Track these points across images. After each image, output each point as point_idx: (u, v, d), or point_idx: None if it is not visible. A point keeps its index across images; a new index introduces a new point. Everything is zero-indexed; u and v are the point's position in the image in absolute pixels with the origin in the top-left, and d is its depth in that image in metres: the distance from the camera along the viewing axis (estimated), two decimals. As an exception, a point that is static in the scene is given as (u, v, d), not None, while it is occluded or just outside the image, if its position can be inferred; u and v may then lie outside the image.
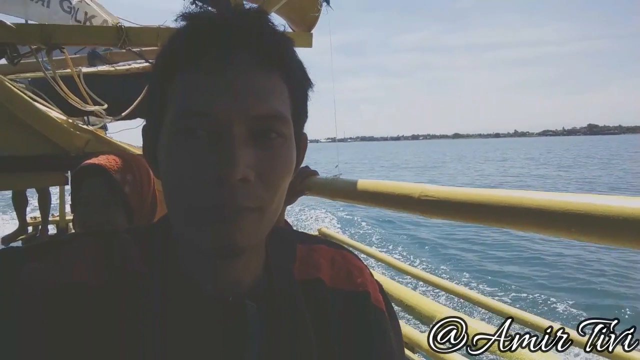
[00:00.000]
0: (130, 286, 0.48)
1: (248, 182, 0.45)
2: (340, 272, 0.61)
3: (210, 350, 0.48)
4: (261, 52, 0.47)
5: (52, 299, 0.44)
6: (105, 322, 0.45)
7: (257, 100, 0.46)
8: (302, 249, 0.62)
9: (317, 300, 0.57)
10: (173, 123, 0.46)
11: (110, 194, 1.22)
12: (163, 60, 0.49)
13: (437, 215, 0.99)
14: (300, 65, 0.53)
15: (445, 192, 0.97)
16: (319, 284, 0.58)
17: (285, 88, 0.49)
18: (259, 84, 0.46)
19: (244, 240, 0.46)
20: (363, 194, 1.26)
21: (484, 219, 0.87)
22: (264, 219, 0.48)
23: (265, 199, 0.47)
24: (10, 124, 1.90)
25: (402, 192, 1.09)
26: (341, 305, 0.58)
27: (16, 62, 1.86)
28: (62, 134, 1.97)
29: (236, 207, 0.44)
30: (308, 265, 0.60)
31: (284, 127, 0.48)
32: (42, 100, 2.18)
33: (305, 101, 0.54)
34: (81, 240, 0.51)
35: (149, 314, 0.47)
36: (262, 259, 0.56)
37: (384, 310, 0.62)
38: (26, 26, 1.82)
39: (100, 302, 0.46)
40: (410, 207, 1.06)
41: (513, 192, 0.82)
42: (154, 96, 0.50)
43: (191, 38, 0.47)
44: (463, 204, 0.91)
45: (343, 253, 0.65)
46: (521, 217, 0.78)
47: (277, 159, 0.48)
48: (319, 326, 0.55)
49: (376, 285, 0.64)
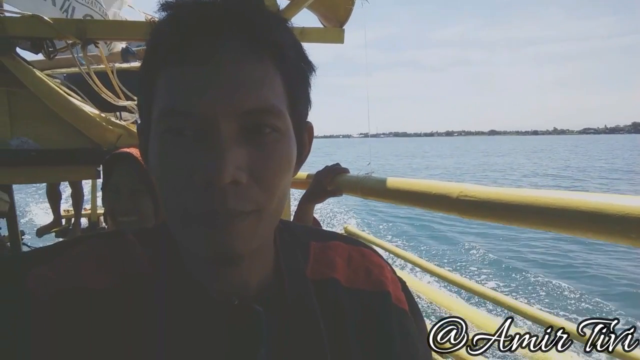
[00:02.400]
0: (136, 289, 0.46)
1: (240, 185, 0.41)
2: (358, 270, 0.58)
3: (217, 354, 0.46)
4: (249, 38, 0.43)
5: (59, 304, 0.43)
6: (112, 325, 0.44)
7: (245, 93, 0.42)
8: (316, 246, 0.58)
9: (331, 302, 0.53)
10: (158, 123, 0.43)
11: (139, 182, 1.25)
12: (147, 56, 0.46)
13: (477, 217, 0.95)
14: (297, 48, 0.48)
15: (487, 192, 0.93)
16: (334, 284, 0.55)
17: (277, 75, 0.44)
18: (246, 75, 0.42)
19: (241, 247, 0.43)
20: (397, 192, 1.22)
21: (531, 221, 0.82)
22: (263, 223, 0.45)
23: (262, 200, 0.43)
24: (46, 118, 1.93)
25: (439, 191, 1.05)
26: (359, 307, 0.55)
27: (52, 57, 1.89)
28: (96, 128, 1.99)
29: (228, 213, 0.41)
30: (322, 264, 0.57)
31: (278, 121, 0.44)
32: (76, 95, 2.22)
33: (305, 88, 0.50)
34: (87, 242, 0.50)
35: (156, 317, 0.45)
36: (270, 259, 0.54)
37: (406, 311, 0.58)
38: (62, 21, 1.85)
39: (106, 306, 0.45)
40: (448, 207, 1.02)
41: (565, 193, 0.76)
42: (141, 94, 0.47)
43: (173, 29, 0.43)
44: (506, 205, 0.86)
45: (361, 250, 0.61)
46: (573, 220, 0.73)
47: (271, 156, 0.44)
48: (333, 330, 0.52)
49: (398, 283, 0.60)
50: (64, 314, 0.43)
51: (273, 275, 0.53)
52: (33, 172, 1.91)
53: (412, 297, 0.62)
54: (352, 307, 0.54)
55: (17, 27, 1.75)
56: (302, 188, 1.81)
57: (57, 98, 1.91)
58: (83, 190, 4.87)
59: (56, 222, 4.65)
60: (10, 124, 1.88)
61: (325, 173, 1.56)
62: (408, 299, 0.60)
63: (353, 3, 1.89)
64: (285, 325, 0.49)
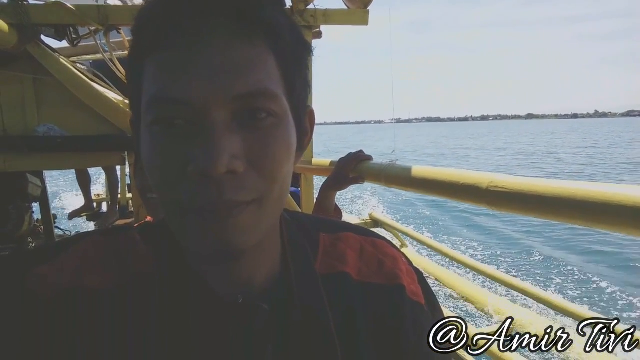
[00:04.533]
0: (139, 288, 0.45)
1: (237, 174, 0.38)
2: (371, 262, 0.54)
3: (223, 354, 0.44)
4: (240, 17, 0.39)
5: (61, 303, 0.42)
6: (115, 325, 0.43)
7: (236, 76, 0.38)
8: (325, 238, 0.55)
9: (342, 298, 0.51)
10: (147, 113, 0.40)
11: None
12: (133, 43, 0.43)
13: (508, 209, 0.89)
14: (292, 29, 0.45)
15: (518, 183, 0.87)
16: (344, 279, 0.52)
17: (271, 57, 0.41)
18: (237, 57, 0.39)
19: (243, 240, 0.40)
20: (423, 182, 1.17)
21: (567, 215, 0.77)
22: (264, 212, 0.42)
23: (262, 189, 0.41)
24: (72, 105, 1.96)
25: (467, 181, 1.00)
26: (371, 302, 0.52)
27: (76, 44, 1.90)
28: (120, 115, 2.00)
29: (227, 204, 0.38)
30: (332, 257, 0.54)
31: (274, 104, 0.41)
32: (101, 82, 2.23)
33: (302, 70, 0.46)
34: (89, 240, 0.48)
35: (159, 317, 0.44)
36: (277, 253, 0.51)
37: (422, 305, 0.55)
38: (84, 7, 1.85)
39: (109, 305, 0.43)
40: (477, 198, 0.97)
41: (605, 185, 0.71)
42: (130, 83, 0.45)
43: (158, 13, 0.40)
44: (539, 197, 0.81)
45: (374, 240, 0.57)
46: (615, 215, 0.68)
47: (270, 142, 0.40)
48: (344, 327, 0.49)
49: (414, 275, 0.57)
50: (66, 314, 0.42)
51: (280, 270, 0.50)
52: (59, 158, 1.94)
53: (430, 290, 0.58)
54: (364, 303, 0.51)
55: (41, 15, 1.76)
56: (324, 175, 1.78)
57: (81, 85, 1.93)
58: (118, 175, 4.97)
59: (87, 205, 4.77)
60: (37, 111, 1.91)
61: (348, 160, 1.52)
62: (425, 292, 0.57)
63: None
64: (293, 324, 0.47)
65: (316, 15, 2.06)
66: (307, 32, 2.09)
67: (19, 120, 1.89)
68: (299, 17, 2.03)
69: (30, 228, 3.69)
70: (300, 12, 2.03)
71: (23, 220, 3.48)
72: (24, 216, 3.48)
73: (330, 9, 2.09)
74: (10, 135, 1.83)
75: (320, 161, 1.96)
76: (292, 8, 2.04)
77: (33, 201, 3.71)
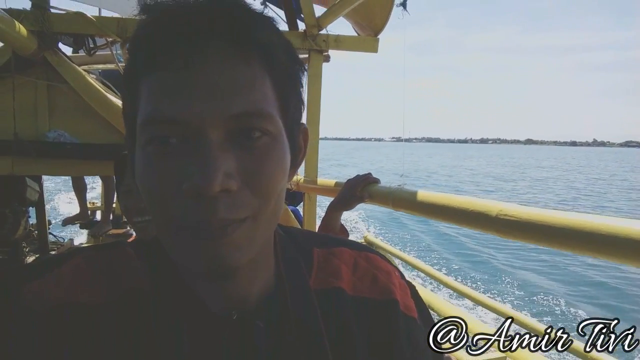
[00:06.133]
0: (132, 304, 0.45)
1: (231, 192, 0.39)
2: (364, 277, 0.55)
3: None
4: (235, 38, 0.40)
5: (54, 319, 0.42)
6: (108, 341, 0.43)
7: (231, 96, 0.39)
8: (319, 253, 0.55)
9: (337, 314, 0.51)
10: (142, 132, 0.41)
11: None
12: (129, 62, 0.44)
13: (517, 237, 0.93)
14: (286, 47, 0.45)
15: (527, 212, 0.90)
16: (339, 294, 0.52)
17: (266, 77, 0.42)
18: (232, 78, 0.39)
19: (236, 257, 0.41)
20: (431, 207, 1.20)
21: (574, 246, 0.80)
22: (258, 229, 0.42)
23: (256, 206, 0.41)
24: (83, 112, 1.98)
25: (476, 208, 1.03)
26: (365, 317, 0.52)
27: (93, 53, 1.94)
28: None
29: (220, 222, 0.39)
30: (326, 272, 0.54)
31: (268, 124, 0.41)
32: (110, 91, 2.26)
33: (296, 89, 0.47)
34: (82, 255, 0.48)
35: (152, 334, 0.44)
36: (271, 269, 0.51)
37: (415, 319, 0.55)
38: (104, 19, 1.90)
39: (102, 321, 0.43)
40: (486, 226, 1.00)
41: (614, 220, 0.74)
42: (125, 102, 0.45)
43: (153, 33, 0.40)
44: (548, 227, 0.84)
45: (368, 255, 0.58)
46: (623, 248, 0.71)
47: (263, 160, 0.41)
48: (338, 343, 0.49)
49: (407, 289, 0.58)
50: (60, 329, 0.42)
51: (274, 285, 0.50)
52: (67, 164, 1.95)
53: (423, 303, 0.59)
54: (358, 318, 0.52)
55: (62, 24, 1.81)
56: (329, 195, 1.80)
57: (94, 93, 1.96)
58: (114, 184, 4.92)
59: (82, 213, 4.74)
60: (48, 117, 1.93)
61: (356, 182, 1.57)
62: (418, 306, 0.57)
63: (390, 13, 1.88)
64: (287, 341, 0.47)
65: (328, 40, 2.12)
66: (318, 55, 2.15)
67: (31, 125, 1.91)
68: (311, 42, 2.09)
69: (25, 232, 3.67)
70: (313, 37, 2.09)
71: (19, 224, 3.45)
72: (20, 220, 3.46)
73: (342, 35, 2.15)
74: (20, 139, 1.85)
75: (325, 181, 1.99)
76: (305, 32, 2.10)
77: (30, 205, 3.69)
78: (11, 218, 3.31)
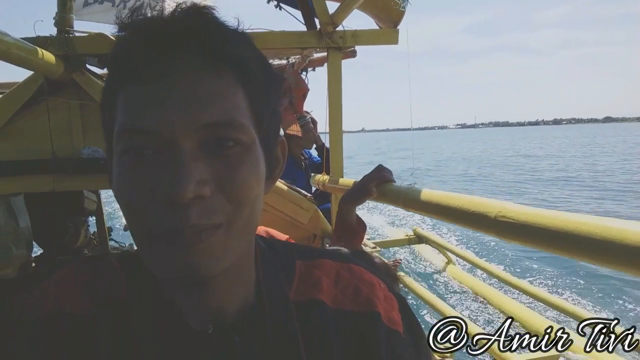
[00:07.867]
0: (114, 315, 0.46)
1: (204, 198, 0.40)
2: (346, 290, 0.54)
3: None
4: (207, 52, 0.41)
5: (42, 329, 0.43)
6: (91, 351, 0.44)
7: (203, 106, 0.40)
8: (302, 266, 0.55)
9: (316, 327, 0.50)
10: (117, 143, 0.42)
11: None
12: (108, 76, 0.46)
13: (516, 240, 0.85)
14: (261, 63, 0.46)
15: (527, 213, 0.83)
16: (319, 307, 0.52)
17: (239, 89, 0.43)
18: (204, 89, 0.41)
19: (211, 266, 0.41)
20: (435, 206, 1.14)
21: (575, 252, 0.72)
22: (232, 237, 0.42)
23: (230, 212, 0.42)
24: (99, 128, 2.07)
25: (476, 209, 0.96)
26: (346, 330, 0.51)
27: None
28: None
29: (193, 229, 0.39)
30: (307, 284, 0.53)
31: (241, 134, 0.42)
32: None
33: (270, 101, 0.48)
34: (69, 267, 0.50)
35: (129, 343, 0.45)
36: (250, 281, 0.51)
37: (399, 332, 0.54)
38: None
39: (87, 331, 0.45)
40: (485, 227, 0.93)
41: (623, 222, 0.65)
42: (104, 115, 0.47)
43: (128, 48, 0.43)
44: (547, 230, 0.76)
45: (351, 267, 0.57)
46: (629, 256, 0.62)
47: (236, 166, 0.42)
48: (318, 355, 0.49)
49: (393, 302, 0.56)
50: (47, 339, 0.43)
51: (254, 298, 0.50)
52: (102, 179, 2.05)
53: (413, 317, 0.57)
54: (338, 331, 0.51)
55: (85, 45, 1.90)
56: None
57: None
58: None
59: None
60: (82, 135, 2.04)
61: (371, 178, 1.58)
62: (405, 319, 0.56)
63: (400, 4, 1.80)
64: (264, 356, 0.47)
65: (345, 36, 2.07)
66: (336, 53, 2.10)
67: (67, 143, 2.02)
68: (328, 40, 2.05)
69: (86, 240, 3.94)
70: (329, 35, 2.05)
71: (79, 233, 3.72)
72: (80, 229, 3.72)
73: (359, 30, 2.09)
74: (58, 157, 1.97)
75: (346, 181, 2.00)
76: (320, 31, 2.07)
77: (89, 215, 3.95)
78: (71, 228, 3.55)
